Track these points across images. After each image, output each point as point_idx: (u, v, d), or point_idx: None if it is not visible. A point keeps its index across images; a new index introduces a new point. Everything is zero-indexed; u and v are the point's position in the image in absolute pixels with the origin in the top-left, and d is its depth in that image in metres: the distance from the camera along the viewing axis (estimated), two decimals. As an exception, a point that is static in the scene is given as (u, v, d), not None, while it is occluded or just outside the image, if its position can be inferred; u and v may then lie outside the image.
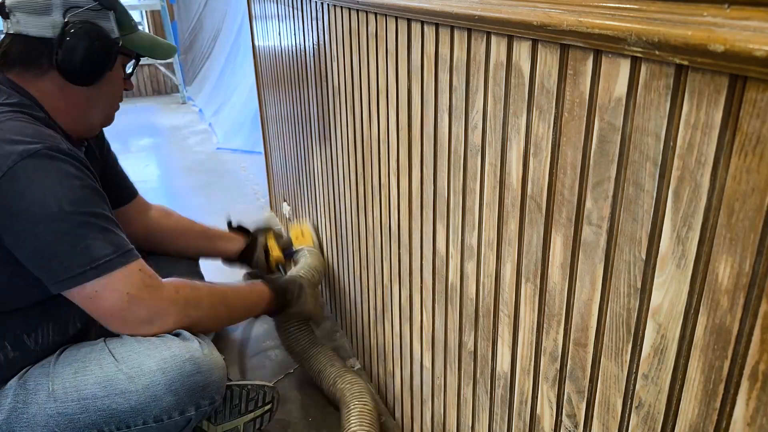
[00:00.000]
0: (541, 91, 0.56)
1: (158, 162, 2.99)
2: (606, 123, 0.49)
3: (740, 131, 0.38)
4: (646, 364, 0.50)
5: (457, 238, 0.79)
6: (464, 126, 0.72)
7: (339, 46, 1.11)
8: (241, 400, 1.14)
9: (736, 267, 0.40)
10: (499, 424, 0.77)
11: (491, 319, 0.74)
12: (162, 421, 0.97)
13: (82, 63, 1.00)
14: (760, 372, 0.39)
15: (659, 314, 0.47)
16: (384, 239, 1.06)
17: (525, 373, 0.68)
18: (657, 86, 0.44)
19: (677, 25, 0.39)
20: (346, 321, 1.44)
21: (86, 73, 1.02)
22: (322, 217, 1.49)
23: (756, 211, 0.38)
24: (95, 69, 1.03)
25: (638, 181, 0.47)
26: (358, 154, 1.12)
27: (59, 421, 0.94)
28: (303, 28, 1.32)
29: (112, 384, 0.95)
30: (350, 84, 1.09)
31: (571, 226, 0.56)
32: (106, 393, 0.94)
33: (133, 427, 0.96)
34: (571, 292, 0.58)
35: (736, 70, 0.36)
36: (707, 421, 0.44)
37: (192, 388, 0.97)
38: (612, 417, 0.55)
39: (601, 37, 0.46)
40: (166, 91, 4.47)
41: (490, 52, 0.64)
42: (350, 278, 1.33)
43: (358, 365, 1.38)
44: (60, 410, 0.94)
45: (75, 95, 1.05)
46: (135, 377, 0.94)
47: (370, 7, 0.92)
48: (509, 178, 0.64)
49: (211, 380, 1.00)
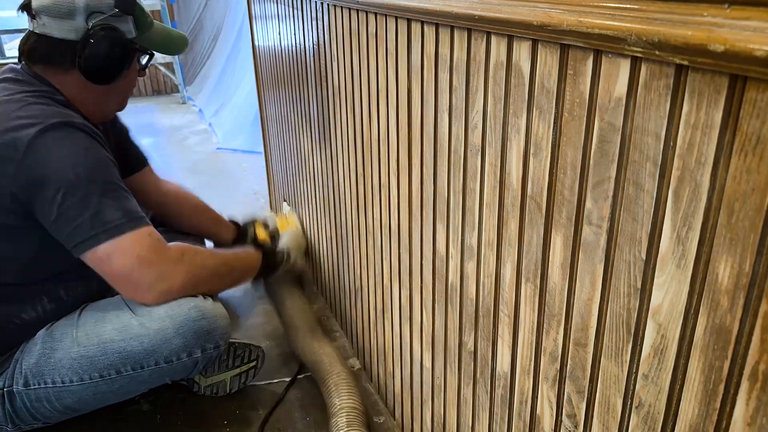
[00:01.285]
0: (541, 91, 0.56)
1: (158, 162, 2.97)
2: (606, 123, 0.49)
3: (740, 131, 0.38)
4: (646, 364, 0.50)
5: (457, 238, 0.79)
6: (464, 126, 0.72)
7: (339, 46, 1.11)
8: (229, 355, 1.26)
9: (736, 267, 0.40)
10: (499, 424, 0.77)
11: (491, 319, 0.74)
12: (172, 362, 1.09)
13: (102, 66, 1.10)
14: (760, 372, 0.39)
15: (659, 314, 0.47)
16: (384, 239, 1.06)
17: (525, 373, 0.68)
18: (657, 86, 0.44)
19: (677, 25, 0.39)
20: (346, 321, 1.44)
21: (106, 74, 1.12)
22: (322, 217, 1.49)
23: (756, 211, 0.38)
24: (114, 71, 1.13)
25: (638, 181, 0.47)
26: (358, 154, 1.12)
27: (82, 363, 1.06)
28: (303, 28, 1.32)
29: (128, 329, 1.07)
30: (350, 84, 1.09)
31: (571, 226, 0.56)
32: (122, 337, 1.07)
33: (146, 368, 1.08)
34: (571, 292, 0.58)
35: (736, 70, 0.36)
36: (707, 421, 0.44)
37: (198, 331, 1.09)
38: (612, 417, 0.55)
39: (601, 37, 0.46)
40: (166, 91, 4.47)
41: (490, 52, 0.64)
42: (350, 278, 1.33)
43: (358, 365, 1.38)
44: (82, 353, 1.07)
45: (94, 90, 1.14)
46: (147, 323, 1.07)
47: (370, 7, 0.92)
48: (509, 178, 0.64)
49: (215, 326, 1.12)
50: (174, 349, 1.08)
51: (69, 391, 1.07)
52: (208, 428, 1.21)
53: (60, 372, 1.06)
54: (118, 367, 1.07)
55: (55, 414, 1.11)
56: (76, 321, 1.11)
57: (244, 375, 1.29)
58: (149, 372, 1.08)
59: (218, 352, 1.14)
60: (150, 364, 1.08)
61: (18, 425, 1.11)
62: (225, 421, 1.22)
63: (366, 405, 1.18)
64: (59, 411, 1.10)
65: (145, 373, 1.09)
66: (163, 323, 1.07)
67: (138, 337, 1.06)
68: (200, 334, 1.09)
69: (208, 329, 1.10)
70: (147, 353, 1.07)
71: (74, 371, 1.06)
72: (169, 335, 1.07)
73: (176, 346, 1.08)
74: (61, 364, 1.06)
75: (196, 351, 1.10)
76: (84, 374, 1.06)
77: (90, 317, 1.11)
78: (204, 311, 1.10)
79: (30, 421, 1.11)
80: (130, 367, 1.07)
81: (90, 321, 1.10)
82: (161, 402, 1.27)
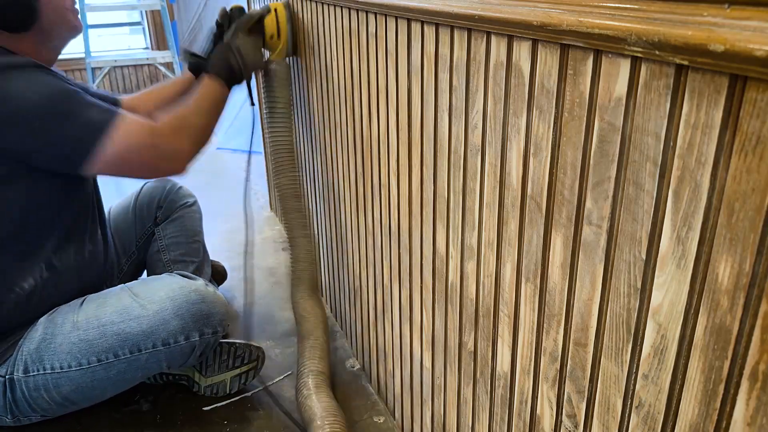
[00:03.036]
0: (541, 91, 0.56)
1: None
2: (606, 123, 0.49)
3: (740, 131, 0.38)
4: (646, 364, 0.50)
5: (457, 238, 0.79)
6: (464, 126, 0.72)
7: (339, 46, 1.11)
8: (229, 356, 1.26)
9: (736, 267, 0.40)
10: (499, 424, 0.77)
11: (491, 319, 0.74)
12: (169, 345, 1.10)
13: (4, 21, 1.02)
14: (760, 372, 0.39)
15: (659, 314, 0.47)
16: (384, 239, 1.06)
17: (525, 373, 0.68)
18: (657, 86, 0.44)
19: (677, 25, 0.39)
20: (345, 321, 1.44)
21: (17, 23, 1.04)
22: (322, 217, 1.49)
23: (756, 211, 0.38)
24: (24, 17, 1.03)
25: (638, 181, 0.47)
26: (358, 154, 1.12)
27: (81, 347, 1.07)
28: (303, 27, 1.32)
29: (128, 311, 1.09)
30: (350, 84, 1.09)
31: (571, 226, 0.56)
32: (121, 318, 1.09)
33: (144, 351, 1.09)
34: (571, 292, 0.58)
35: (736, 70, 0.36)
36: (707, 421, 0.44)
37: (196, 314, 1.11)
38: (612, 417, 0.55)
39: (601, 37, 0.46)
40: (166, 91, 4.46)
41: (490, 52, 0.64)
42: (350, 278, 1.33)
43: (358, 365, 1.38)
44: (82, 337, 1.08)
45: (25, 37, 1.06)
46: (147, 305, 1.10)
47: (370, 7, 0.92)
48: (509, 178, 0.64)
49: (214, 311, 1.13)
50: (172, 331, 1.09)
51: (67, 377, 1.08)
52: (208, 428, 1.21)
53: (59, 357, 1.07)
54: (116, 350, 1.08)
55: (52, 406, 1.10)
56: (78, 308, 1.12)
57: (244, 375, 1.29)
58: (147, 356, 1.09)
59: (216, 338, 1.15)
60: (148, 346, 1.09)
61: (17, 416, 1.11)
62: (225, 421, 1.22)
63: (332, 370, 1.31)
64: (57, 402, 1.10)
65: (142, 357, 1.09)
66: (162, 305, 1.09)
67: (137, 318, 1.08)
68: (198, 317, 1.11)
69: (207, 313, 1.12)
70: (145, 335, 1.08)
71: (73, 356, 1.07)
72: (167, 316, 1.09)
73: (174, 327, 1.09)
74: (61, 349, 1.07)
75: (194, 335, 1.11)
76: (82, 359, 1.07)
77: (92, 303, 1.12)
78: (204, 295, 1.13)
79: (28, 412, 1.10)
80: (127, 350, 1.08)
81: (91, 306, 1.11)
82: (161, 402, 1.27)
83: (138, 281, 1.17)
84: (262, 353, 1.30)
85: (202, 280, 1.18)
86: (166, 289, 1.12)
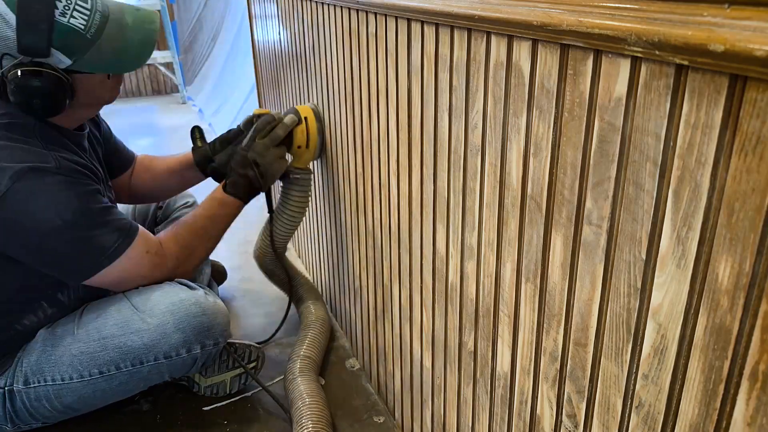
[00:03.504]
0: (541, 91, 0.56)
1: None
2: (606, 123, 0.49)
3: (740, 131, 0.38)
4: (646, 364, 0.50)
5: (457, 238, 0.79)
6: (464, 126, 0.72)
7: (339, 46, 1.11)
8: (229, 356, 1.26)
9: (736, 267, 0.40)
10: (499, 424, 0.77)
11: (491, 319, 0.74)
12: (171, 358, 1.09)
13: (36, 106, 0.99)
14: (760, 372, 0.39)
15: (659, 314, 0.47)
16: (384, 239, 1.06)
17: (525, 373, 0.68)
18: (657, 86, 0.44)
19: (677, 25, 0.39)
20: (345, 321, 1.44)
21: (46, 109, 1.01)
22: (322, 217, 1.49)
23: (756, 211, 0.38)
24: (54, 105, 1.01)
25: (638, 181, 0.47)
26: (358, 154, 1.12)
27: (82, 359, 1.07)
28: (303, 27, 1.32)
29: (128, 324, 1.08)
30: (350, 84, 1.09)
31: (571, 226, 0.56)
32: (122, 332, 1.07)
33: (146, 364, 1.09)
34: (571, 292, 0.58)
35: (736, 70, 0.36)
36: (707, 421, 0.44)
37: (197, 327, 1.10)
38: (612, 417, 0.55)
39: (601, 37, 0.46)
40: (166, 91, 4.47)
41: (490, 52, 0.64)
42: (350, 278, 1.33)
43: (358, 365, 1.38)
44: (83, 349, 1.07)
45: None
46: (148, 318, 1.08)
47: (370, 7, 0.92)
48: (509, 178, 0.64)
49: (215, 323, 1.13)
50: (173, 345, 1.08)
51: (69, 388, 1.07)
52: (208, 428, 1.21)
53: (60, 369, 1.06)
54: (117, 363, 1.07)
55: (54, 414, 1.11)
56: (77, 319, 1.11)
57: (244, 376, 1.29)
58: (149, 368, 1.09)
59: (217, 350, 1.15)
60: (149, 359, 1.08)
61: (17, 425, 1.11)
62: (225, 421, 1.22)
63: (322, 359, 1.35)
64: (59, 411, 1.10)
65: (144, 369, 1.09)
66: (163, 318, 1.08)
67: (138, 332, 1.07)
68: (200, 330, 1.10)
69: (208, 325, 1.11)
70: (147, 348, 1.07)
71: (74, 368, 1.07)
72: (168, 330, 1.08)
73: (176, 341, 1.08)
74: (62, 361, 1.07)
75: (195, 347, 1.11)
76: (84, 371, 1.07)
77: (91, 314, 1.11)
78: (205, 308, 1.11)
79: (29, 420, 1.11)
80: (129, 363, 1.08)
81: (91, 318, 1.10)
82: (161, 402, 1.27)
83: (137, 290, 1.13)
84: (262, 353, 1.30)
85: (202, 290, 1.16)
86: (167, 302, 1.10)
